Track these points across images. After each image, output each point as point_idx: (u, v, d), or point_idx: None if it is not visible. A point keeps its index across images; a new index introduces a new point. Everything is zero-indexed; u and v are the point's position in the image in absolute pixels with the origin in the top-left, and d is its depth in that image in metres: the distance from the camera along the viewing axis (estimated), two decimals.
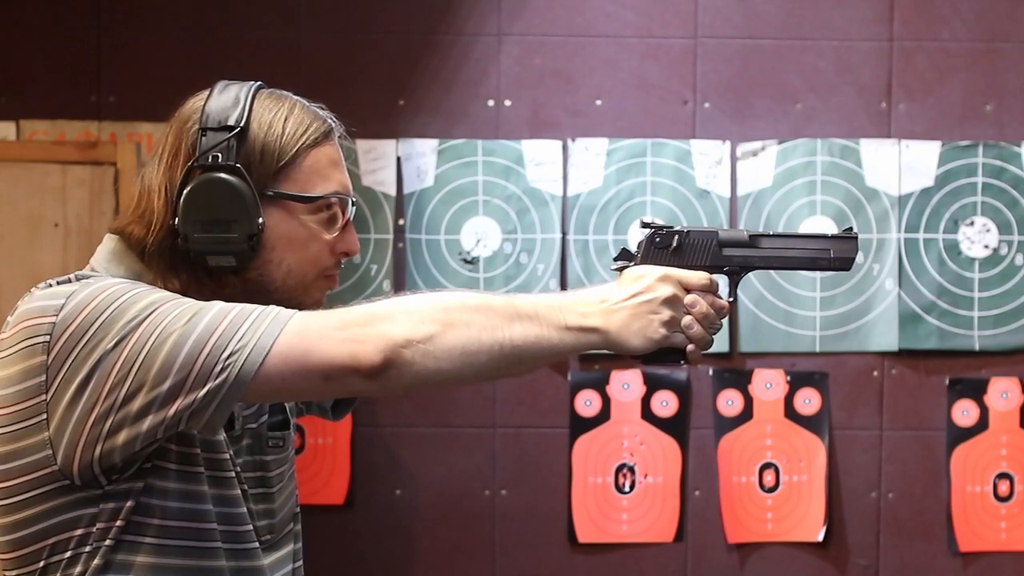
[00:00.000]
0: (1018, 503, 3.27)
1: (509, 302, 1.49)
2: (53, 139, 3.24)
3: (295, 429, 1.73)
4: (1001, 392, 3.27)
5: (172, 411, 1.39)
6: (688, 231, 1.61)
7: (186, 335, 1.39)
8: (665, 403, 3.27)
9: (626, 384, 3.27)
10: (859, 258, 3.25)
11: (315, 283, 1.57)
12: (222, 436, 1.53)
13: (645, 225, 1.62)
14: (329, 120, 1.59)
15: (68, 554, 1.44)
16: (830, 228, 3.25)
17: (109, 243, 1.54)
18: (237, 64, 3.19)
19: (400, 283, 3.25)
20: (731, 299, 1.62)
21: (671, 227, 1.61)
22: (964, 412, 3.26)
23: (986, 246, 3.27)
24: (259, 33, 3.25)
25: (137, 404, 1.38)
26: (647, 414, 3.27)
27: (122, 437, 1.39)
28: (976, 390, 3.26)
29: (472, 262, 3.28)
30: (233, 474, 1.54)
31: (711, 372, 3.27)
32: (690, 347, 1.56)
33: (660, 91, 3.27)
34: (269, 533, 1.59)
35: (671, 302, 1.54)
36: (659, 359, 1.57)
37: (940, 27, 3.26)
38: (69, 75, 3.24)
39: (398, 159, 3.26)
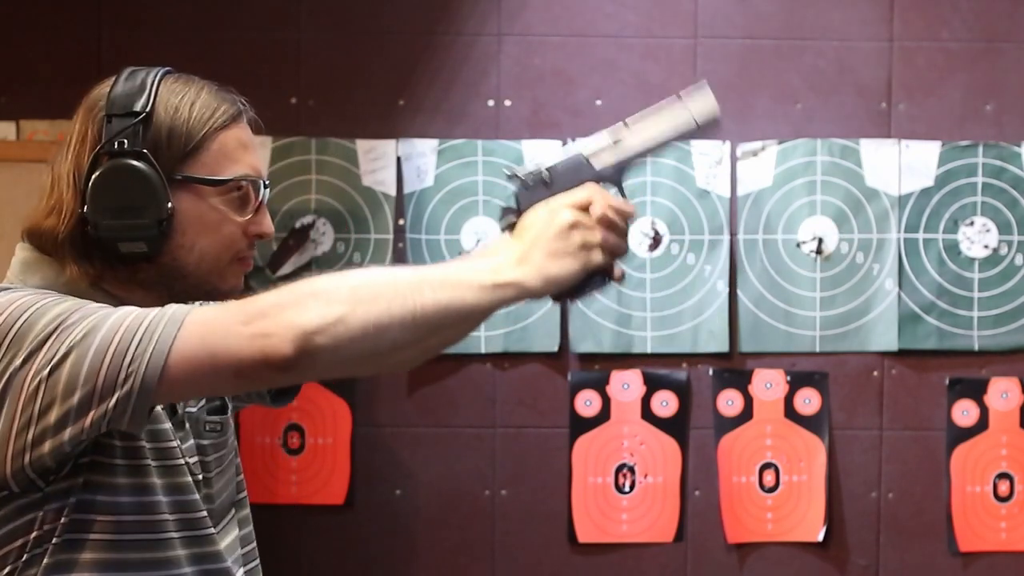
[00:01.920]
0: (1018, 503, 3.27)
1: (416, 272, 1.45)
2: (53, 139, 3.23)
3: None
4: (1001, 392, 3.27)
5: (88, 421, 1.38)
6: (554, 164, 1.57)
7: (87, 348, 1.37)
8: (665, 403, 3.27)
9: (626, 384, 3.27)
10: (859, 258, 3.25)
11: (229, 267, 1.56)
12: (167, 424, 1.53)
13: (511, 177, 1.58)
14: (238, 103, 1.58)
15: (24, 558, 1.44)
16: (831, 229, 3.25)
17: (21, 253, 1.54)
18: (237, 64, 3.20)
19: None
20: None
21: (534, 169, 1.57)
22: (964, 412, 3.26)
23: (986, 246, 3.27)
24: (259, 33, 3.25)
25: (52, 417, 1.38)
26: (647, 414, 3.27)
27: (47, 446, 1.39)
28: (976, 390, 3.26)
29: None
30: (183, 462, 1.54)
31: (711, 372, 3.27)
32: (615, 267, 1.52)
33: (660, 91, 3.25)
34: (210, 518, 1.58)
35: (576, 226, 1.49)
36: (585, 289, 1.52)
37: (940, 27, 3.26)
38: (69, 75, 3.24)
39: (398, 159, 3.26)
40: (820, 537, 3.25)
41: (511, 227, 1.54)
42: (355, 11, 3.27)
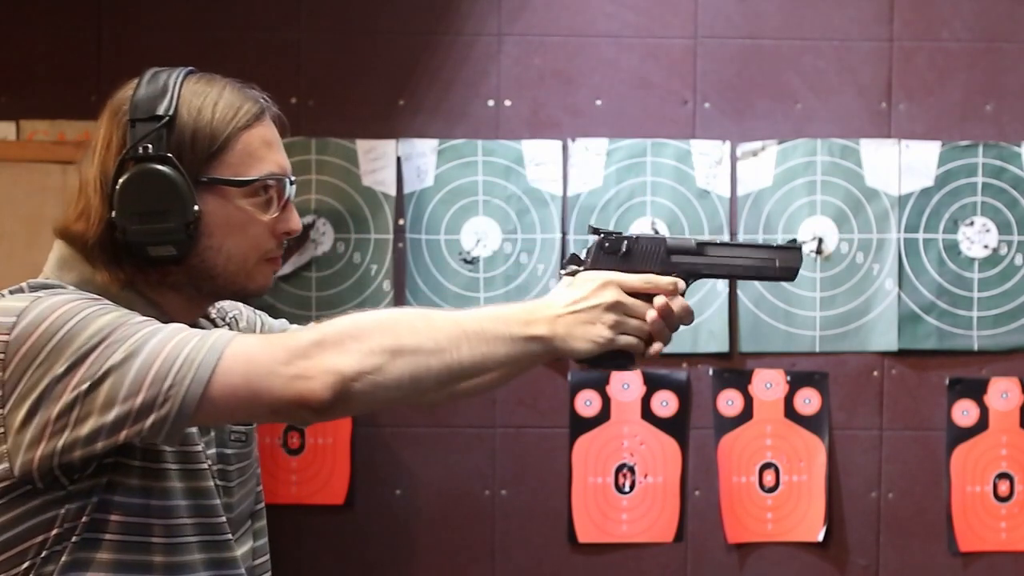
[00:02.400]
0: (1018, 503, 3.27)
1: (455, 321, 1.48)
2: (53, 139, 3.24)
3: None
4: (1001, 392, 3.27)
5: (122, 437, 1.39)
6: (637, 237, 1.62)
7: (129, 366, 1.39)
8: (665, 403, 3.27)
9: (626, 384, 3.27)
10: (859, 258, 3.25)
11: (258, 267, 1.57)
12: (193, 428, 1.53)
13: (594, 231, 1.63)
14: (261, 100, 1.57)
15: (43, 554, 1.45)
16: (831, 229, 3.26)
17: (57, 249, 1.54)
18: (237, 64, 3.18)
19: (400, 283, 3.25)
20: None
21: (620, 233, 1.62)
22: (964, 412, 3.26)
23: (986, 246, 3.27)
24: (259, 33, 3.25)
25: (86, 430, 1.39)
26: (647, 414, 3.27)
27: (77, 455, 1.40)
28: (976, 390, 3.26)
29: (472, 262, 3.28)
30: (205, 466, 1.54)
31: (711, 372, 3.27)
32: (655, 347, 1.57)
33: (660, 91, 3.27)
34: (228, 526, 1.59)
35: (614, 308, 1.54)
36: (605, 363, 1.57)
37: (940, 27, 3.26)
38: (69, 75, 3.24)
39: (398, 159, 3.26)
40: (820, 537, 3.25)
41: (571, 274, 1.60)
42: (355, 11, 3.27)
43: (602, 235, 1.62)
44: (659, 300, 1.56)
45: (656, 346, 1.58)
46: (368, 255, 3.25)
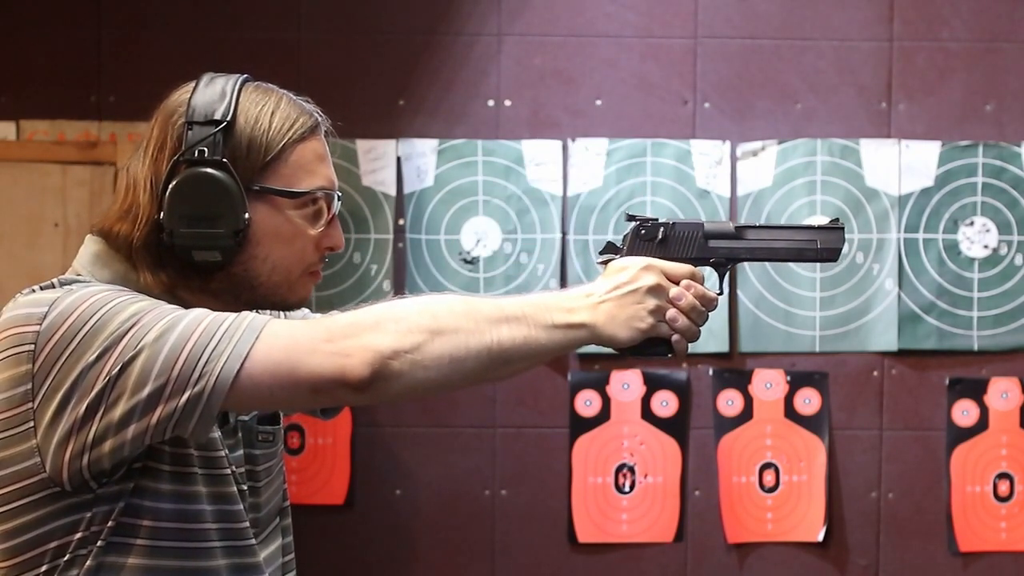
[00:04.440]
0: (1018, 503, 3.27)
1: (496, 304, 1.48)
2: (53, 139, 3.24)
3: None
4: (1001, 392, 3.27)
5: (155, 419, 1.38)
6: (674, 223, 1.61)
7: (162, 345, 1.38)
8: (665, 403, 3.27)
9: (626, 384, 3.27)
10: (859, 258, 3.25)
11: (300, 279, 1.57)
12: (217, 434, 1.53)
13: (631, 218, 1.61)
14: (315, 114, 1.57)
15: (65, 558, 1.44)
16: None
17: (92, 245, 1.53)
18: (237, 64, 3.18)
19: (400, 283, 3.25)
20: (719, 292, 1.62)
21: (656, 219, 1.61)
22: (964, 412, 3.27)
23: (986, 246, 3.27)
24: (259, 33, 3.25)
25: (118, 412, 1.38)
26: (647, 414, 3.27)
27: (108, 446, 1.39)
28: (976, 390, 3.26)
29: (472, 262, 3.28)
30: (229, 472, 1.54)
31: (711, 372, 3.27)
32: (675, 338, 1.55)
33: (660, 91, 3.27)
34: (255, 527, 1.58)
35: (655, 291, 1.54)
36: (646, 351, 1.55)
37: (940, 27, 3.26)
38: (69, 75, 3.24)
39: (398, 159, 3.26)
40: (820, 537, 3.25)
41: (606, 263, 1.58)
42: (355, 11, 3.27)
43: (638, 222, 1.60)
44: (686, 291, 1.55)
45: (678, 337, 1.56)
46: (368, 255, 3.25)
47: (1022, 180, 3.27)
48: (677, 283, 1.56)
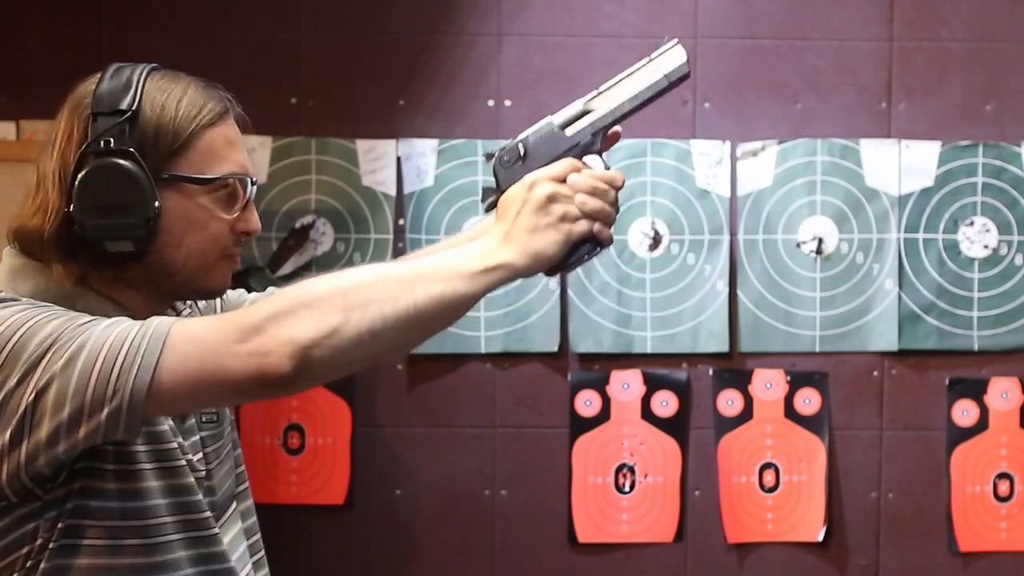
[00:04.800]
0: (1018, 503, 3.27)
1: (405, 267, 1.45)
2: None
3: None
4: (1001, 392, 3.27)
5: (80, 435, 1.38)
6: (526, 136, 1.56)
7: (74, 366, 1.37)
8: (665, 403, 3.27)
9: (626, 384, 3.27)
10: (859, 258, 3.25)
11: (216, 264, 1.56)
12: (167, 425, 1.52)
13: (488, 156, 1.60)
14: (225, 100, 1.57)
15: (28, 564, 1.44)
16: (831, 229, 3.26)
17: (7, 260, 1.52)
18: (237, 64, 3.20)
19: None
20: (607, 168, 1.58)
21: (508, 143, 1.57)
22: (964, 412, 3.27)
23: (986, 246, 3.27)
24: (259, 33, 3.25)
25: (44, 433, 1.37)
26: (647, 414, 3.27)
27: (42, 460, 1.39)
28: (976, 390, 3.26)
29: None
30: (184, 462, 1.53)
31: (711, 372, 3.27)
32: (596, 227, 1.51)
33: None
34: (213, 511, 1.58)
35: (553, 199, 1.50)
36: (574, 258, 1.52)
37: (940, 27, 3.26)
38: (69, 75, 3.23)
39: (398, 159, 3.26)
40: (820, 537, 3.26)
41: (494, 206, 1.54)
42: (355, 11, 3.27)
43: (495, 154, 1.56)
44: (576, 179, 1.51)
45: (599, 226, 1.52)
46: (368, 255, 3.25)
47: (1022, 180, 3.27)
48: (565, 180, 1.52)
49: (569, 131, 1.58)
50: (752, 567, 3.27)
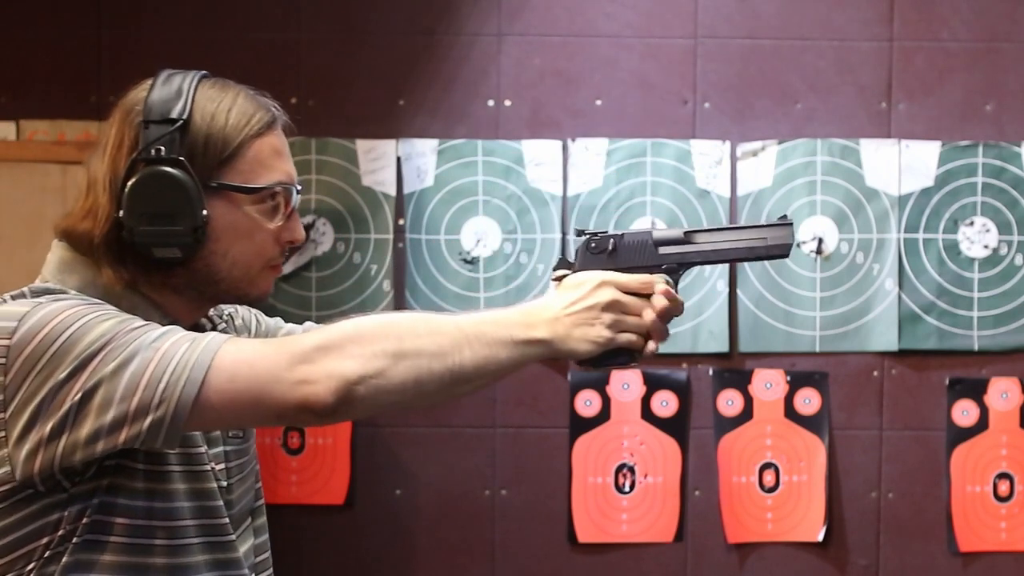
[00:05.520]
0: (1018, 503, 3.27)
1: (456, 325, 1.49)
2: (53, 139, 3.24)
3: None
4: (1001, 392, 3.27)
5: (120, 439, 1.40)
6: (623, 234, 1.62)
7: (124, 372, 1.39)
8: (665, 403, 3.27)
9: (626, 384, 3.27)
10: (859, 258, 3.25)
11: (260, 273, 1.58)
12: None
13: (580, 232, 1.63)
14: (273, 109, 1.58)
15: (47, 554, 1.45)
16: (831, 229, 3.26)
17: (58, 251, 1.54)
18: (237, 64, 3.19)
19: (400, 283, 3.25)
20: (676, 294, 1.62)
21: (605, 232, 1.62)
22: (964, 412, 3.27)
23: (986, 246, 3.27)
24: (259, 33, 3.25)
25: (85, 432, 1.39)
26: (647, 414, 3.27)
27: (78, 456, 1.41)
28: (976, 390, 3.26)
29: (472, 262, 3.28)
30: (209, 468, 1.55)
31: (711, 372, 3.27)
32: (639, 343, 1.56)
33: (660, 91, 3.27)
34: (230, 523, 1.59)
35: (612, 306, 1.55)
36: (606, 362, 1.58)
37: (940, 27, 3.26)
38: (69, 75, 3.24)
39: (398, 159, 3.26)
40: (820, 537, 3.26)
41: (560, 279, 1.59)
42: (355, 11, 3.27)
43: (587, 235, 1.62)
44: (658, 300, 1.56)
45: (652, 344, 1.58)
46: (368, 255, 3.25)
47: (1022, 180, 3.27)
48: (632, 294, 1.57)
49: (662, 250, 1.62)
50: (752, 567, 3.27)
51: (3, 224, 3.21)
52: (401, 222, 3.26)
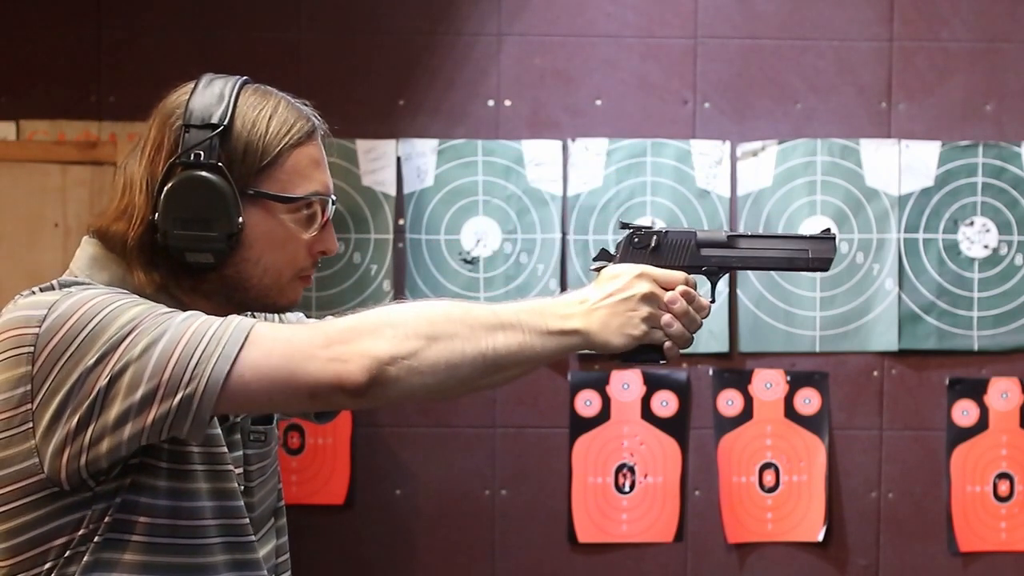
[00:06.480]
0: (1018, 503, 3.27)
1: (491, 310, 1.49)
2: (53, 139, 3.24)
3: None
4: (1001, 392, 3.27)
5: (149, 419, 1.39)
6: (667, 231, 1.63)
7: (153, 349, 1.39)
8: (665, 403, 3.27)
9: (626, 384, 3.27)
10: (859, 258, 3.25)
11: (290, 283, 1.57)
12: (218, 430, 1.53)
13: (624, 226, 1.63)
14: (313, 119, 1.59)
15: (66, 554, 1.45)
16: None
17: (89, 248, 1.54)
18: (237, 64, 3.18)
19: (400, 283, 3.25)
20: (711, 300, 1.64)
21: (650, 228, 1.62)
22: (964, 412, 3.27)
23: (986, 246, 3.27)
24: (259, 33, 3.25)
25: (113, 415, 1.39)
26: (647, 414, 3.27)
27: (105, 446, 1.40)
28: (976, 390, 3.26)
29: (472, 262, 3.28)
30: (230, 468, 1.54)
31: (711, 372, 3.27)
32: (667, 344, 1.57)
33: (660, 91, 3.27)
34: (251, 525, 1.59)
35: (649, 299, 1.55)
36: (639, 357, 1.57)
37: (940, 27, 3.26)
38: (69, 75, 3.24)
39: (398, 159, 3.26)
40: (820, 537, 3.26)
41: (599, 270, 1.59)
42: (355, 11, 3.27)
43: (631, 230, 1.61)
44: (678, 297, 1.57)
45: (669, 344, 1.58)
46: (368, 255, 3.25)
47: (1022, 180, 3.27)
48: (670, 290, 1.57)
49: (704, 251, 1.64)
50: (752, 567, 3.27)
51: (3, 224, 3.21)
52: (401, 222, 3.26)
